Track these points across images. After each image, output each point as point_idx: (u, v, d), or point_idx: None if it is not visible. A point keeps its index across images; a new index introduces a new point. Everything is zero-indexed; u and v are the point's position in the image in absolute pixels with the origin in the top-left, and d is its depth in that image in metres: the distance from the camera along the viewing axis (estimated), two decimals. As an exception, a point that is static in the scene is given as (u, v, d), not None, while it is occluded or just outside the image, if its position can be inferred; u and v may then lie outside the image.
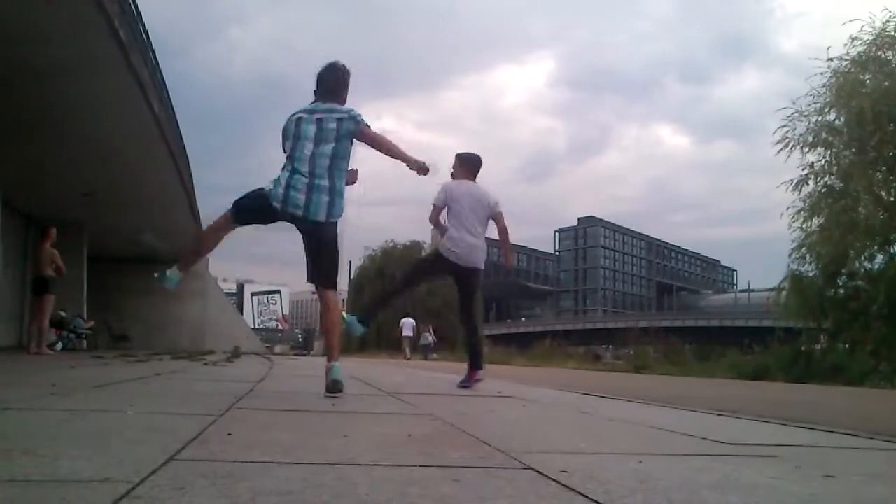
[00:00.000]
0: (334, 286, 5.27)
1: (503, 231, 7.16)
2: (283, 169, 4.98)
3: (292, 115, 5.17)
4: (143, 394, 4.63)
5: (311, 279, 5.13)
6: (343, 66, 5.38)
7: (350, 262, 61.50)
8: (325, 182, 4.88)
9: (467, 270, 6.76)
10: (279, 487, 1.71)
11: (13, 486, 1.63)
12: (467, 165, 7.05)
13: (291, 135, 5.03)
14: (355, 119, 5.02)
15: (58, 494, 1.54)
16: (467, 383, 6.66)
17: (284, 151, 5.07)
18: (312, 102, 5.21)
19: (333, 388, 4.74)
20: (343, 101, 5.26)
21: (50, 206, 18.46)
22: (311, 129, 4.98)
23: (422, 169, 5.21)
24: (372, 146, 5.12)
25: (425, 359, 30.20)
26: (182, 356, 13.79)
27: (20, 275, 18.44)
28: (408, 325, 32.94)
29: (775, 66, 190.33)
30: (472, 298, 6.98)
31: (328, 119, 5.02)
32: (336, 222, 4.99)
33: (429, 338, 34.98)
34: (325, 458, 2.23)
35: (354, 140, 5.07)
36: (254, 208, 5.00)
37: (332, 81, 5.27)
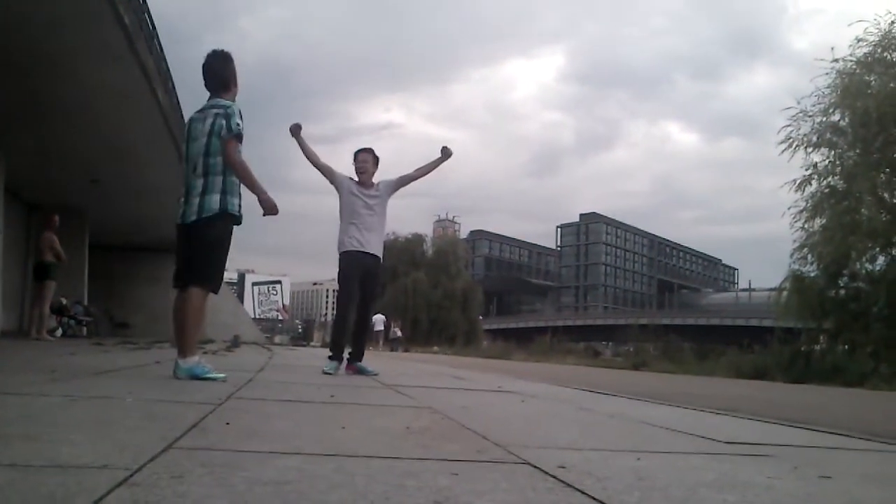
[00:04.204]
0: (199, 283, 4.86)
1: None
2: (183, 179, 4.98)
3: (192, 115, 5.10)
4: (142, 381, 4.63)
5: (176, 278, 4.93)
6: (219, 53, 5.12)
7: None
8: (200, 181, 4.81)
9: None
10: (276, 477, 1.72)
11: (14, 470, 1.64)
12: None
13: (184, 141, 5.03)
14: (224, 125, 4.80)
15: (57, 479, 1.54)
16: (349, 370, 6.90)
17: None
18: (209, 98, 5.08)
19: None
20: (230, 91, 5.07)
21: (53, 194, 18.48)
22: (195, 129, 4.94)
23: (270, 209, 4.93)
24: (227, 159, 4.82)
25: (392, 350, 33.22)
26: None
27: (22, 261, 18.46)
28: (379, 320, 35.30)
29: (787, 65, 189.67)
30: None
31: (208, 115, 4.91)
32: (211, 221, 4.78)
33: (397, 332, 38.64)
34: (323, 448, 2.23)
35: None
36: (179, 258, 4.95)
37: (213, 74, 5.08)
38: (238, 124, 4.81)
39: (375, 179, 6.94)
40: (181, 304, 4.84)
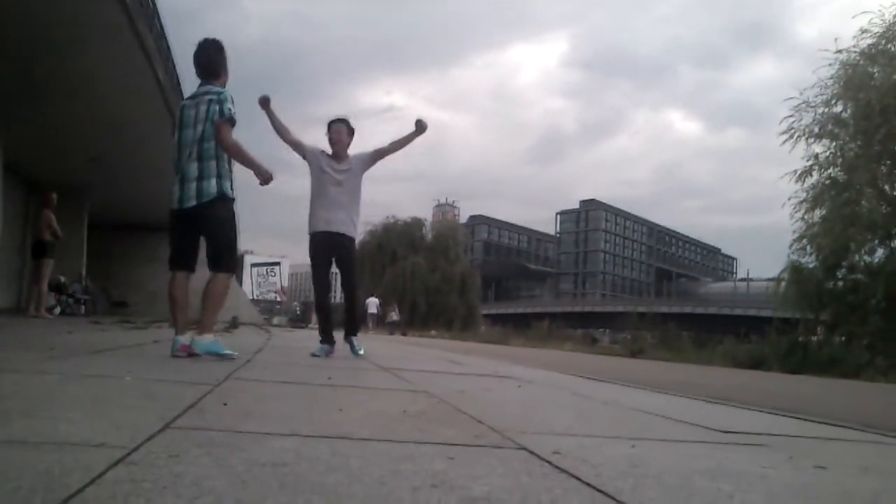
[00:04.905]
0: (225, 270, 5.19)
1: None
2: (174, 164, 5.09)
3: (183, 101, 5.23)
4: (140, 360, 4.64)
5: (171, 262, 5.18)
6: (212, 41, 5.26)
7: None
8: (195, 166, 4.94)
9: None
10: (273, 459, 1.72)
11: (11, 446, 1.64)
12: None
13: (176, 127, 5.10)
14: (217, 111, 4.95)
15: (54, 457, 1.55)
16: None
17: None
18: (200, 84, 5.20)
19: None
20: (220, 79, 5.21)
21: (52, 172, 18.43)
22: (187, 115, 5.04)
23: (266, 178, 5.22)
24: (220, 147, 5.02)
25: (390, 333, 33.68)
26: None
27: (20, 238, 18.45)
28: (372, 303, 36.85)
29: (792, 55, 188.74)
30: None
31: (200, 102, 5.03)
32: (212, 204, 4.97)
33: (394, 316, 39.33)
34: (320, 430, 2.24)
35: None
36: (180, 242, 5.12)
37: (204, 61, 5.21)
38: (230, 109, 4.97)
39: (351, 152, 6.70)
40: (208, 286, 5.13)
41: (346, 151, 6.63)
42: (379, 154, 6.75)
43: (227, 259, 5.19)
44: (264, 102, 6.40)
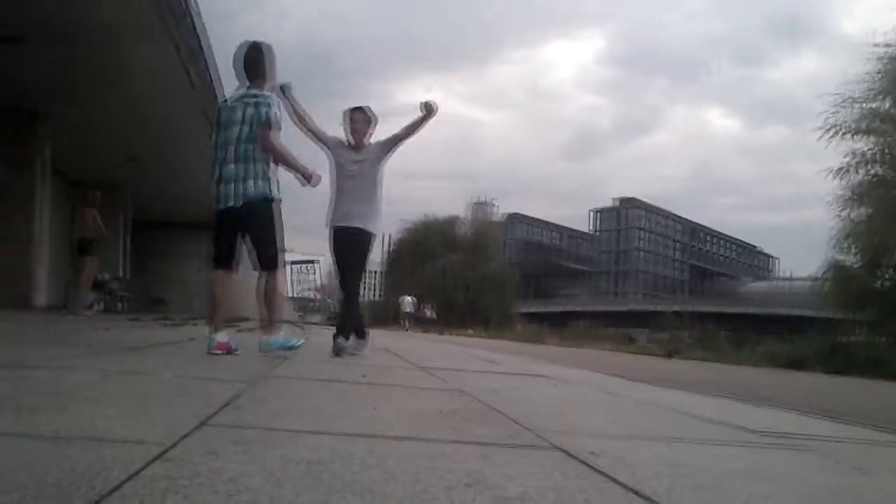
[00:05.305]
0: (271, 268, 5.29)
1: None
2: (213, 163, 5.13)
3: (222, 102, 5.33)
4: (177, 358, 4.70)
5: (216, 260, 5.25)
6: (256, 44, 5.30)
7: (389, 236, 61.42)
8: (254, 167, 5.00)
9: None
10: (309, 456, 1.73)
11: (49, 442, 1.67)
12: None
13: (217, 125, 5.16)
14: (262, 115, 4.99)
15: (94, 453, 1.57)
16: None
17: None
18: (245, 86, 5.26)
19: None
20: (264, 82, 5.22)
21: (94, 170, 18.74)
22: (229, 116, 5.09)
23: (311, 180, 5.34)
24: (264, 145, 5.08)
25: (425, 332, 33.22)
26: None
27: (67, 237, 18.78)
28: (407, 302, 37.44)
29: (834, 49, 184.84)
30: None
31: (242, 104, 5.08)
32: (255, 205, 5.04)
33: (428, 313, 40.45)
34: (356, 429, 2.25)
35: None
36: (221, 241, 5.19)
37: (246, 63, 5.23)
38: (276, 113, 5.05)
39: (369, 142, 6.40)
40: (263, 289, 5.27)
41: (364, 141, 6.37)
42: (395, 140, 6.46)
43: (272, 258, 5.28)
44: (286, 89, 6.19)
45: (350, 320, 6.54)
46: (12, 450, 1.58)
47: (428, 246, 61.25)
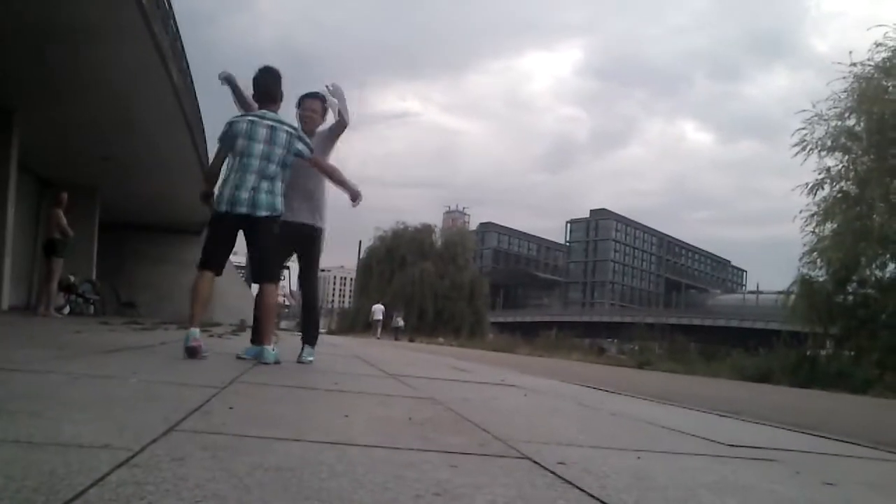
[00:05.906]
0: (270, 280, 5.52)
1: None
2: (229, 170, 5.26)
3: (241, 116, 5.43)
4: (147, 362, 4.64)
5: (204, 263, 5.23)
6: (273, 70, 5.58)
7: (360, 242, 61.27)
8: (269, 184, 5.19)
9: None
10: (278, 463, 1.72)
11: (17, 447, 1.65)
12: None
13: (242, 134, 5.24)
14: (303, 150, 5.38)
15: (59, 458, 1.55)
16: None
17: (223, 151, 5.35)
18: (259, 108, 5.46)
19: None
20: (277, 104, 5.52)
21: (64, 171, 18.56)
22: (262, 133, 5.24)
23: (358, 199, 5.85)
24: (318, 170, 5.72)
25: (396, 339, 34.15)
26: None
27: (32, 237, 18.55)
28: (378, 310, 38.30)
29: (806, 67, 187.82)
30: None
31: (279, 129, 5.29)
32: (273, 220, 5.22)
33: (399, 321, 39.72)
34: (325, 436, 2.24)
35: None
36: (218, 244, 5.27)
37: (270, 88, 5.49)
38: (308, 144, 5.45)
39: (319, 130, 6.00)
40: (260, 299, 5.64)
41: (316, 130, 5.98)
42: (338, 129, 6.01)
43: (271, 270, 5.49)
44: (228, 78, 5.90)
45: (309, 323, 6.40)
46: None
47: (399, 254, 61.25)
